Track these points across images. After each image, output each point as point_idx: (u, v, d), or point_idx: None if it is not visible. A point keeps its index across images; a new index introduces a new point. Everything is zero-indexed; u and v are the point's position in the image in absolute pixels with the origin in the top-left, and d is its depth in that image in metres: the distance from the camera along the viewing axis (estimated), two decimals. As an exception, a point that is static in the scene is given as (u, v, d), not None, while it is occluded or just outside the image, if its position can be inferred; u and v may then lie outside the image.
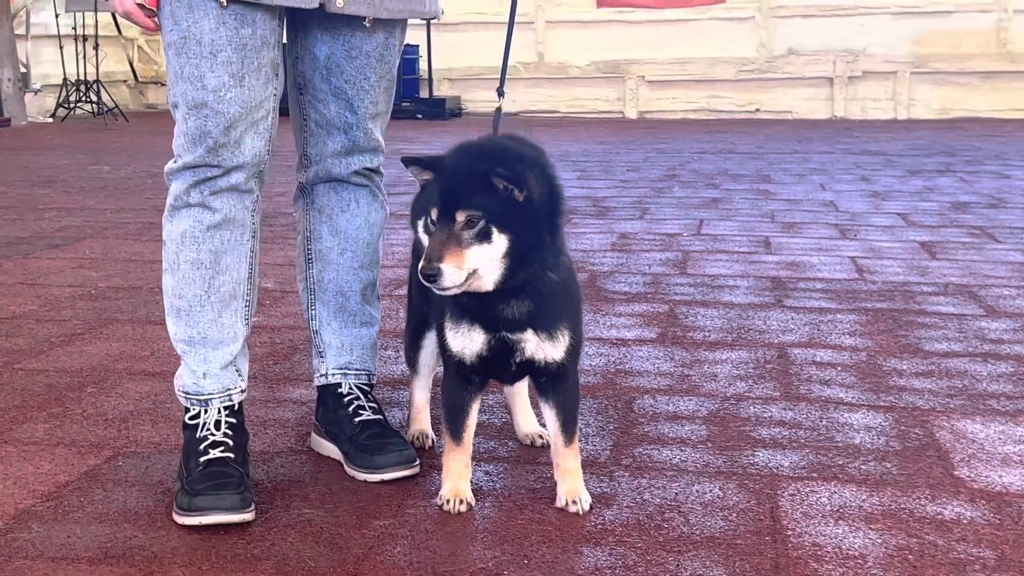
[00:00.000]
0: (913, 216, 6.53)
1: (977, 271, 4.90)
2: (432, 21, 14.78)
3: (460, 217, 2.17)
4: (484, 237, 2.18)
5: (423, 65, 15.55)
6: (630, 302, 4.34)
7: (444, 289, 2.17)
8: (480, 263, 2.19)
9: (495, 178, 2.18)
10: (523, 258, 2.22)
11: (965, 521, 2.33)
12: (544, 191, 2.23)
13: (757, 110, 15.66)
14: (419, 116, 14.81)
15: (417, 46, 15.26)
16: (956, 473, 2.60)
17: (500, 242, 2.19)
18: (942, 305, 4.27)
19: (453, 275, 2.16)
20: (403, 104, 14.24)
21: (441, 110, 15.04)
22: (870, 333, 3.86)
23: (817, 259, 5.21)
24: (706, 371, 3.42)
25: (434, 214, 2.20)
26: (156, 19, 2.41)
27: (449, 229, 2.18)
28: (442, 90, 16.05)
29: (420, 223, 2.26)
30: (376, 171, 2.71)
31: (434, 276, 2.15)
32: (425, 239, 2.23)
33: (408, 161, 2.28)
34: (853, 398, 3.15)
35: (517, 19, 2.69)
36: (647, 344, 3.73)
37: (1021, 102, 14.78)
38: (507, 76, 2.73)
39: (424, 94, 15.51)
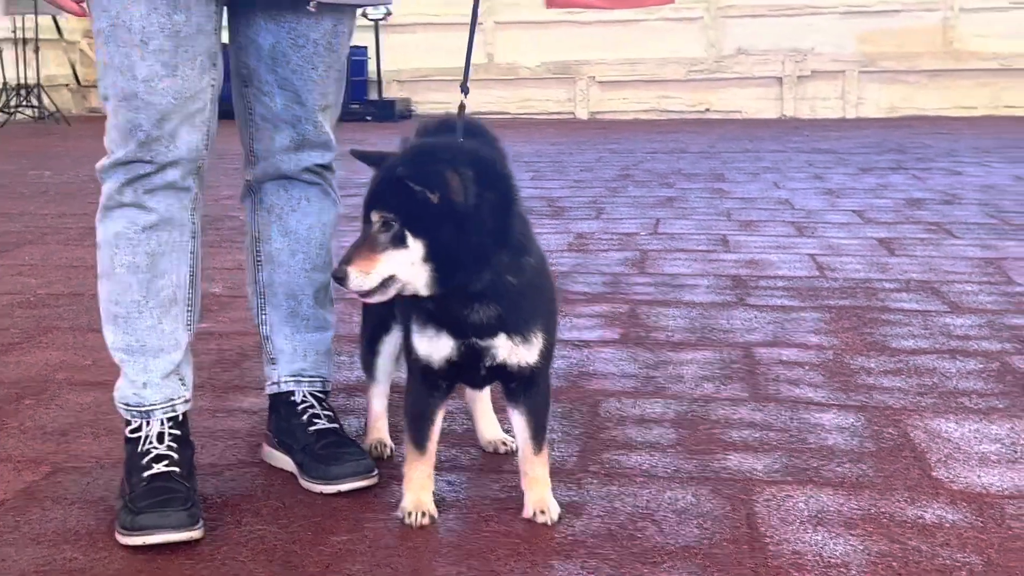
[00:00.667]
0: (869, 213, 6.49)
1: (937, 267, 4.85)
2: (380, 22, 14.66)
3: (375, 219, 2.10)
4: (399, 241, 2.08)
5: (372, 67, 15.37)
6: (590, 303, 4.24)
7: (360, 293, 2.11)
8: (396, 269, 2.09)
9: (410, 181, 2.08)
10: (453, 263, 2.10)
11: (947, 525, 2.24)
12: (475, 192, 2.08)
13: (707, 110, 15.65)
14: (368, 118, 14.62)
15: (365, 48, 15.08)
16: (934, 474, 2.51)
17: (415, 247, 2.08)
18: (905, 302, 4.20)
19: (359, 280, 2.08)
20: (352, 106, 14.06)
21: (390, 112, 14.86)
22: (835, 331, 3.78)
23: (776, 257, 5.14)
24: (671, 372, 3.32)
25: (361, 215, 2.12)
26: (85, 5, 2.27)
27: (367, 232, 2.11)
28: (391, 92, 15.88)
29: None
30: (327, 168, 2.58)
31: (341, 279, 2.09)
32: None
33: (354, 155, 2.20)
34: (823, 398, 3.06)
35: (465, 20, 2.57)
36: (610, 345, 3.62)
37: (968, 100, 14.87)
38: (456, 78, 2.61)
39: (373, 96, 15.33)
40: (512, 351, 2.22)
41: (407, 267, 2.09)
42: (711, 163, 9.45)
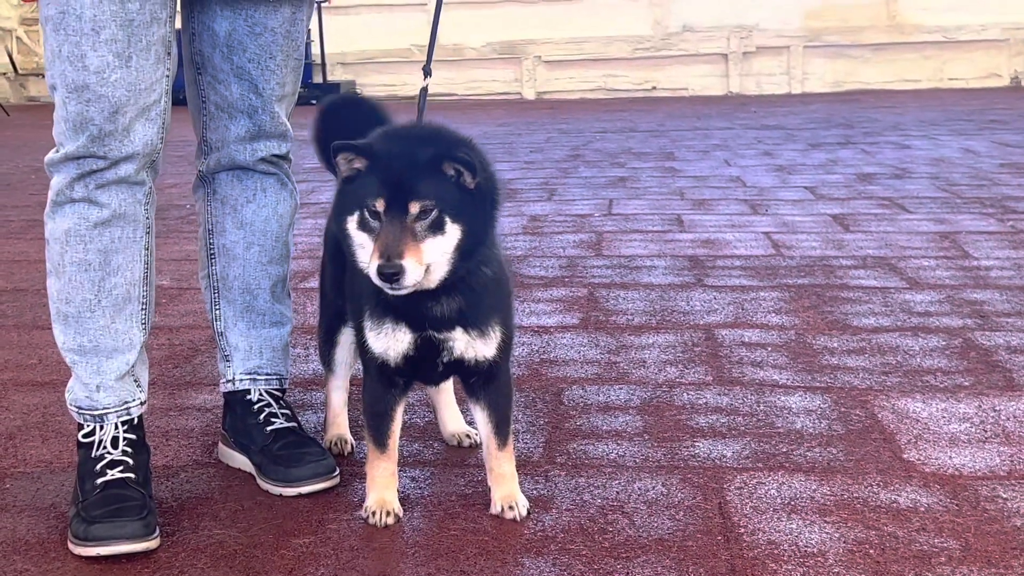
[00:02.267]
0: (821, 189, 6.49)
1: (893, 242, 4.85)
2: (324, 4, 14.47)
3: (414, 208, 1.97)
4: (438, 228, 1.99)
5: (316, 50, 15.19)
6: (548, 287, 4.18)
7: (403, 288, 1.97)
8: (434, 257, 2.00)
9: (447, 163, 1.99)
10: (471, 251, 2.04)
11: (923, 509, 2.21)
12: (485, 176, 2.05)
13: (654, 88, 15.64)
14: (313, 102, 14.40)
15: (309, 31, 14.92)
16: (905, 456, 2.48)
17: (453, 233, 2.01)
18: (863, 279, 4.19)
19: (415, 272, 1.96)
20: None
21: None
22: (795, 310, 3.75)
23: (732, 236, 5.11)
24: (634, 357, 3.27)
25: (379, 205, 1.98)
26: None
27: (401, 222, 1.97)
28: (336, 75, 15.72)
29: (353, 217, 2.03)
30: (284, 158, 2.49)
31: (397, 275, 1.94)
32: (359, 235, 2.02)
33: (341, 147, 2.03)
34: (788, 380, 3.03)
35: (409, 1, 2.50)
36: (570, 331, 3.57)
37: (912, 73, 14.98)
38: (402, 60, 2.54)
39: (318, 79, 15.16)
40: (469, 345, 2.15)
41: (441, 255, 2.00)
42: (660, 141, 9.43)
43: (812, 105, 12.95)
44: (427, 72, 2.35)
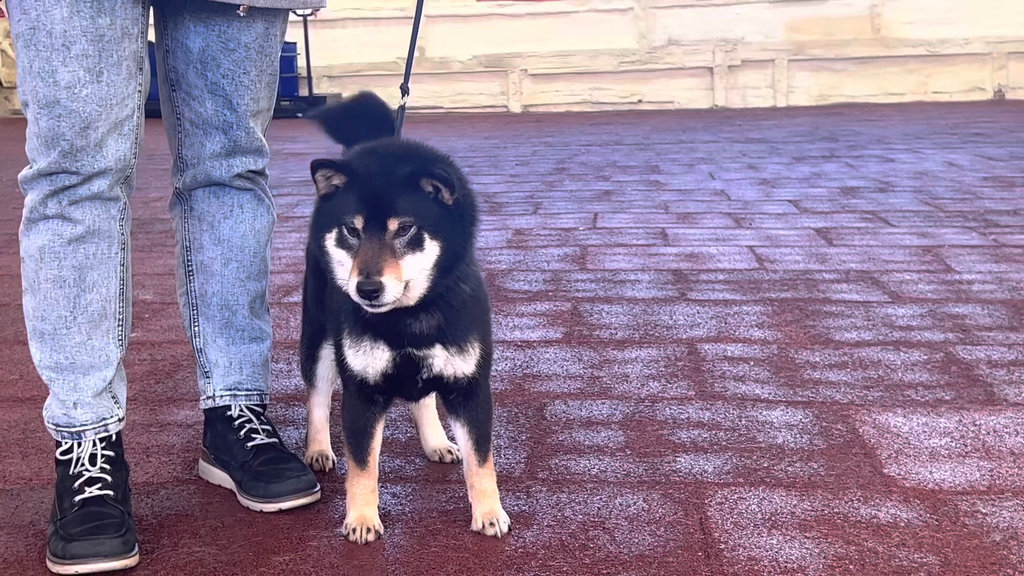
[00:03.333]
0: (804, 203, 6.50)
1: (876, 256, 4.86)
2: (310, 17, 14.47)
3: (392, 225, 1.98)
4: (416, 245, 2.00)
5: (301, 63, 15.18)
6: (531, 301, 4.18)
7: (383, 305, 1.97)
8: (413, 274, 2.01)
9: (425, 180, 2.01)
10: (450, 267, 2.05)
11: (902, 524, 2.21)
12: (463, 192, 2.05)
13: (639, 101, 15.67)
14: (299, 115, 14.43)
15: (295, 43, 14.89)
16: (885, 471, 2.49)
17: (432, 250, 2.02)
18: (846, 293, 4.20)
19: (394, 289, 1.97)
20: (282, 103, 13.86)
21: (322, 108, 14.69)
22: (778, 324, 3.76)
23: (716, 249, 5.12)
24: (616, 371, 3.27)
25: (358, 222, 1.99)
26: (3, 6, 2.16)
27: (380, 238, 1.98)
28: (322, 88, 15.70)
29: (331, 234, 2.04)
30: (260, 173, 2.49)
31: (376, 292, 1.94)
32: (338, 252, 2.03)
33: (320, 164, 2.04)
34: (770, 394, 3.03)
35: (396, 14, 2.51)
36: (553, 345, 3.57)
37: (896, 87, 15.04)
38: (388, 73, 2.56)
39: (304, 92, 15.15)
40: (448, 361, 2.15)
41: (420, 272, 2.01)
42: (646, 155, 9.44)
43: (797, 118, 12.99)
44: (404, 90, 2.35)
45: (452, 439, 2.55)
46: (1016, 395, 2.97)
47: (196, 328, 2.53)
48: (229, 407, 2.50)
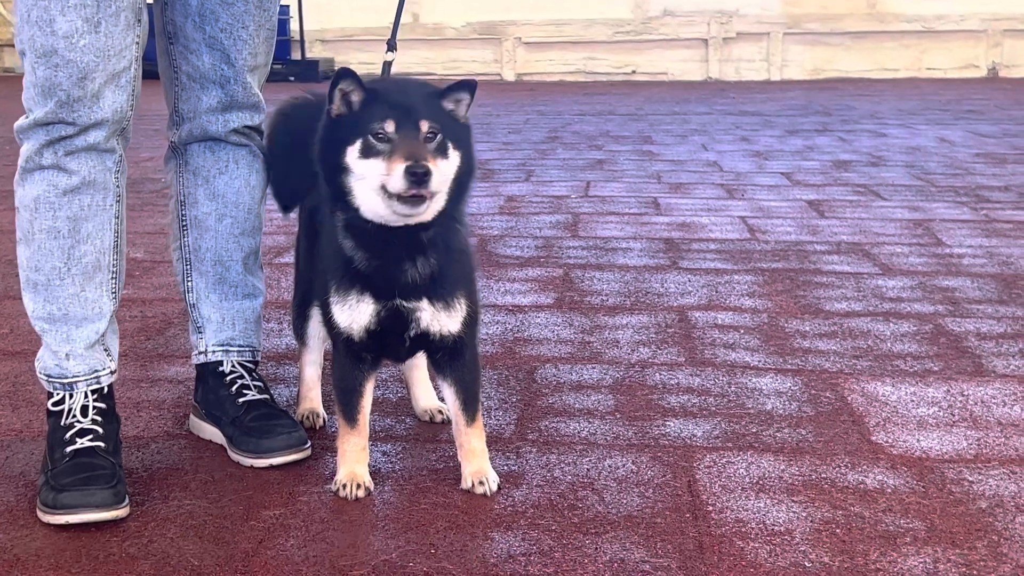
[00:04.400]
0: (797, 175, 6.50)
1: (867, 229, 4.87)
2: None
3: (424, 126, 2.01)
4: (442, 152, 2.04)
5: (294, 26, 15.10)
6: (523, 267, 4.18)
7: (426, 196, 1.99)
8: (442, 179, 2.02)
9: (446, 97, 2.07)
10: (463, 186, 2.09)
11: (889, 490, 2.23)
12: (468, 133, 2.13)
13: (633, 72, 15.63)
14: (291, 79, 14.36)
15: (288, 6, 14.80)
16: (873, 439, 2.50)
17: (454, 159, 2.06)
18: (837, 264, 4.21)
19: (439, 178, 1.99)
20: (274, 66, 13.77)
21: (314, 72, 14.62)
22: (769, 294, 3.77)
23: (707, 219, 5.12)
24: (607, 337, 3.28)
25: (389, 126, 2.00)
26: None
27: (415, 136, 2.00)
28: (315, 52, 15.63)
29: (354, 147, 2.02)
30: (257, 129, 2.48)
31: (425, 176, 1.95)
32: (363, 164, 2.01)
33: (345, 74, 2.04)
34: (760, 362, 3.05)
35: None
36: (544, 310, 3.57)
37: (891, 62, 15.03)
38: (381, 38, 2.55)
39: (296, 56, 15.07)
40: (434, 317, 2.16)
41: (444, 180, 2.04)
42: (639, 125, 9.43)
43: (791, 92, 12.97)
44: (391, 46, 2.34)
45: (443, 399, 2.56)
46: (1004, 367, 2.98)
47: (189, 283, 2.53)
48: (221, 363, 2.50)
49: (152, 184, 6.01)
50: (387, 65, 2.35)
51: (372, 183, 2.00)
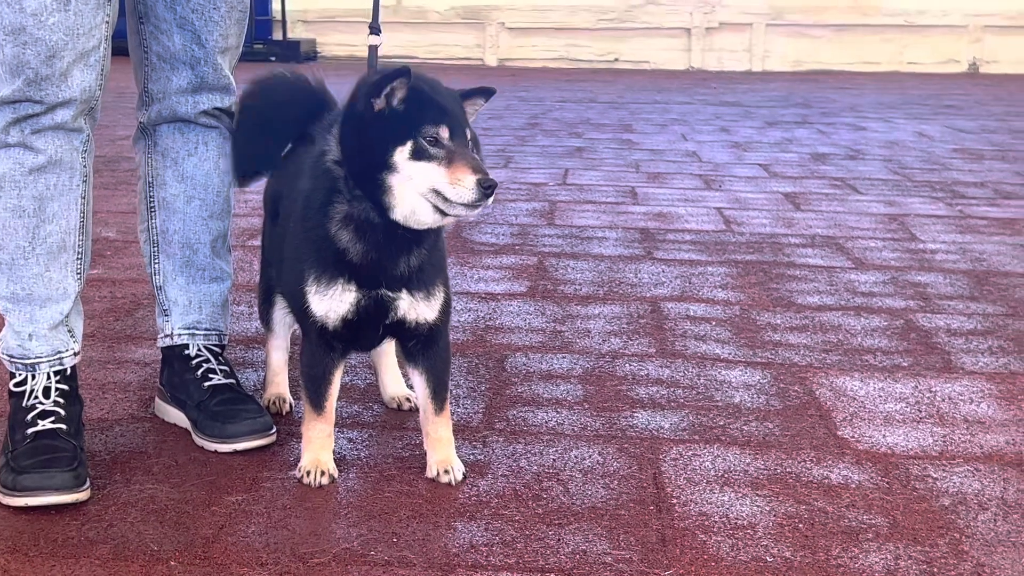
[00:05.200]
0: (775, 167, 6.51)
1: (842, 223, 4.88)
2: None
3: (468, 135, 2.06)
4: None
5: (276, 6, 15.02)
6: (498, 254, 4.17)
7: (485, 206, 2.02)
8: None
9: (470, 100, 2.13)
10: None
11: (853, 486, 2.24)
12: None
13: (616, 60, 15.61)
14: (272, 59, 14.28)
15: (267, -14, 14.72)
16: (839, 433, 2.51)
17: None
18: (811, 257, 4.21)
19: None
20: (255, 46, 13.72)
21: (295, 53, 14.55)
22: (742, 286, 3.77)
23: (684, 210, 5.12)
24: (579, 327, 3.27)
25: (443, 132, 2.01)
26: None
27: (466, 146, 2.04)
28: (296, 32, 15.54)
29: (404, 148, 2.00)
30: (227, 111, 2.45)
31: (493, 188, 1.99)
32: (413, 166, 2.00)
33: (404, 72, 2.02)
34: (730, 354, 3.05)
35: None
36: (517, 298, 3.57)
37: (872, 56, 15.05)
38: (363, 20, 2.53)
39: (277, 36, 14.99)
40: (412, 306, 2.15)
41: None
42: (620, 113, 9.42)
43: (772, 83, 12.98)
44: (375, 29, 2.32)
45: (411, 387, 2.54)
46: (973, 364, 2.99)
47: (156, 265, 2.51)
48: (187, 346, 2.48)
49: (127, 163, 5.96)
50: (373, 49, 2.34)
51: (420, 186, 2.01)
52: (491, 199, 2.00)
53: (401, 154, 2.01)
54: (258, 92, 2.46)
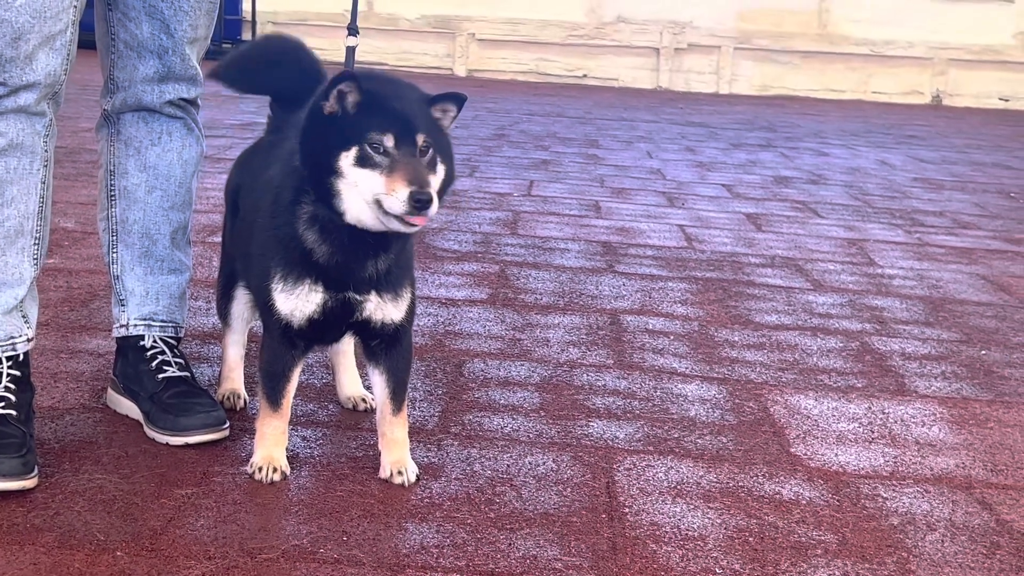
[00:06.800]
0: (738, 188, 6.55)
1: (802, 245, 4.91)
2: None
3: (420, 140, 1.99)
4: (432, 166, 2.02)
5: (247, 6, 14.96)
6: (460, 261, 4.17)
7: (425, 218, 1.97)
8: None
9: (436, 105, 2.06)
10: (442, 195, 2.04)
11: (804, 502, 2.25)
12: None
13: (585, 76, 15.67)
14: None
15: (240, -15, 14.66)
16: (792, 450, 2.52)
17: (440, 174, 2.04)
18: (770, 277, 4.24)
19: (436, 202, 1.96)
20: (224, 46, 13.65)
21: (264, 54, 14.48)
22: (701, 303, 3.79)
23: (647, 226, 5.14)
24: (538, 335, 3.27)
25: (388, 140, 1.96)
26: None
27: (413, 154, 1.98)
28: (266, 32, 15.48)
29: (348, 153, 1.97)
30: (192, 103, 2.44)
31: (428, 203, 1.93)
32: (357, 172, 1.97)
33: (347, 76, 1.99)
34: (687, 368, 3.06)
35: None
36: (477, 305, 3.56)
37: (837, 83, 15.20)
38: (335, 24, 2.52)
39: (247, 36, 14.92)
40: (379, 307, 2.14)
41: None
42: (586, 129, 9.45)
43: (738, 106, 13.08)
44: (352, 31, 2.31)
45: (369, 388, 2.53)
46: (926, 387, 3.02)
47: (114, 255, 2.48)
48: (142, 337, 2.46)
49: (89, 155, 5.91)
50: (351, 51, 2.33)
51: (364, 194, 1.98)
52: (429, 211, 1.94)
53: (346, 159, 1.99)
54: (276, 36, 2.50)
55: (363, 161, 1.97)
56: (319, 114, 2.02)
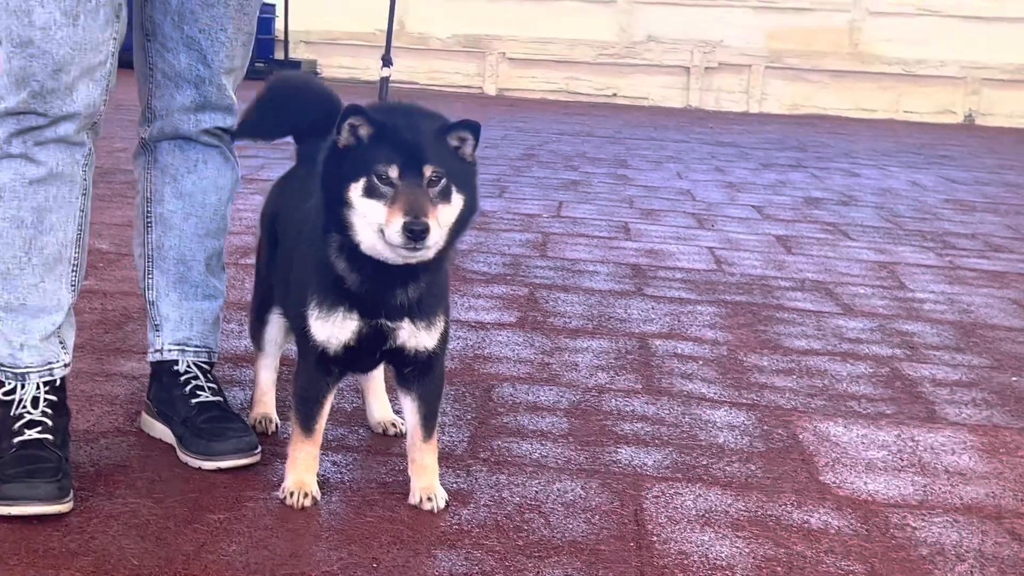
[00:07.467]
0: (768, 209, 6.55)
1: (832, 268, 4.91)
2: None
3: (427, 172, 1.99)
4: (445, 197, 2.02)
5: (279, 25, 15.08)
6: (489, 283, 4.19)
7: (424, 249, 1.98)
8: (443, 225, 2.01)
9: (452, 134, 2.05)
10: (463, 226, 2.07)
11: (832, 531, 2.25)
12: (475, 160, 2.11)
13: (615, 95, 15.70)
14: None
15: (274, 5, 14.78)
16: (821, 478, 2.52)
17: (457, 203, 2.04)
18: (800, 301, 4.24)
19: (436, 232, 1.97)
20: (257, 65, 13.75)
21: (296, 73, 14.60)
22: (730, 327, 3.79)
23: (676, 248, 5.15)
24: (567, 360, 3.29)
25: (392, 171, 1.98)
26: None
27: (418, 185, 1.98)
28: (298, 53, 15.60)
29: (357, 185, 2.00)
30: (228, 131, 2.48)
31: (424, 232, 1.94)
32: (365, 203, 1.99)
33: (353, 111, 2.01)
34: (715, 394, 3.06)
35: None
36: (506, 328, 3.58)
37: (868, 102, 15.16)
38: (365, 44, 2.55)
39: (279, 55, 15.05)
40: (413, 334, 2.16)
41: (446, 224, 2.02)
42: (616, 148, 9.47)
43: (768, 125, 13.07)
44: (386, 61, 2.34)
45: (398, 412, 2.56)
46: (956, 415, 3.02)
47: (150, 280, 2.52)
48: (176, 362, 2.49)
49: (123, 175, 5.98)
50: (384, 81, 2.36)
51: (372, 224, 2.00)
52: (426, 241, 1.95)
53: (355, 191, 2.01)
54: (280, 79, 2.51)
55: (370, 192, 2.00)
56: (334, 147, 2.06)
